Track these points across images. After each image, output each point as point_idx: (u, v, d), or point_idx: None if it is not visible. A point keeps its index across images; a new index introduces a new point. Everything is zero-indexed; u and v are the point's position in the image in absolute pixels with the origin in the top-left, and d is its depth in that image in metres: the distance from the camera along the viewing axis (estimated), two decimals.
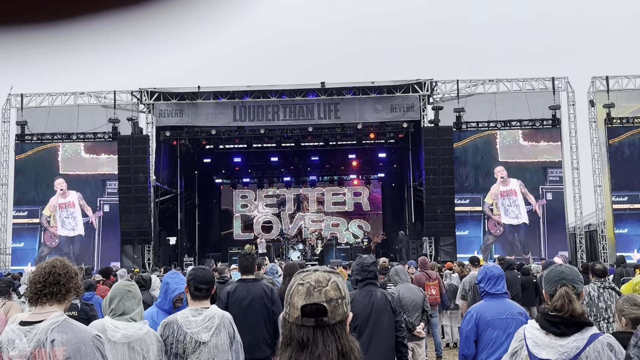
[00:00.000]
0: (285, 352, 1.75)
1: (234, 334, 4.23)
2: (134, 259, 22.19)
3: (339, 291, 1.78)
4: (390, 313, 5.18)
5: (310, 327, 1.73)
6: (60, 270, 2.98)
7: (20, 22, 1.48)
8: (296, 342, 1.73)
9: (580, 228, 22.34)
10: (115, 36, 1.63)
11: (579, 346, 2.93)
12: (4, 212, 22.85)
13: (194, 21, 1.71)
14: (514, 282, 10.55)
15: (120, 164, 21.53)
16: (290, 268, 7.56)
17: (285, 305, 1.80)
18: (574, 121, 22.24)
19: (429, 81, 22.31)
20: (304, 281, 1.78)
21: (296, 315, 1.74)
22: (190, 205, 28.06)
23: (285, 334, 1.77)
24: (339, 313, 1.75)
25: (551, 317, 3.04)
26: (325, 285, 1.76)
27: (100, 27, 1.56)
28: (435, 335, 11.03)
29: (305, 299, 1.74)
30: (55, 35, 1.52)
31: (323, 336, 1.72)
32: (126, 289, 3.90)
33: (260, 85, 22.64)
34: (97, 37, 1.63)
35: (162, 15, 1.59)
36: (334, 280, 1.79)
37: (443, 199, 20.91)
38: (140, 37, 1.67)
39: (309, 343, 1.72)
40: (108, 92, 22.88)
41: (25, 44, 1.54)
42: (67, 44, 1.61)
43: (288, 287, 1.82)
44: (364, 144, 27.39)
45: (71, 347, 2.84)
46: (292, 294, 1.77)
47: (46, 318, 2.90)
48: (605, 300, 5.62)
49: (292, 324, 1.75)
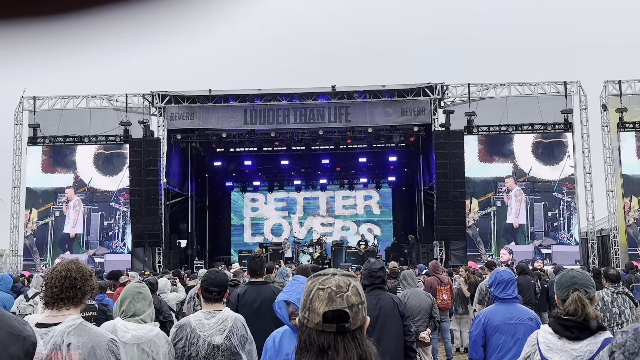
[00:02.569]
0: (304, 358, 1.71)
1: (247, 336, 4.23)
2: (144, 262, 22.27)
3: (359, 296, 1.74)
4: (398, 317, 5.15)
5: (331, 333, 1.69)
6: (76, 274, 2.99)
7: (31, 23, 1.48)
8: (316, 348, 1.69)
9: (592, 233, 22.18)
10: (126, 38, 1.64)
11: (592, 350, 2.91)
12: (16, 214, 23.01)
13: (205, 25, 1.71)
14: (527, 287, 10.47)
15: (132, 167, 21.64)
16: (302, 271, 7.55)
17: (304, 309, 1.75)
18: (586, 125, 22.10)
19: (440, 85, 22.26)
20: (324, 286, 1.73)
21: (317, 320, 1.69)
22: (201, 208, 28.14)
23: (303, 339, 1.73)
24: (359, 319, 1.72)
25: (564, 321, 3.01)
26: (347, 290, 1.72)
27: (111, 29, 1.56)
28: (446, 340, 10.98)
29: (328, 305, 1.69)
30: (67, 37, 1.53)
31: (344, 342, 1.69)
32: (137, 291, 3.92)
33: (270, 89, 22.69)
34: (108, 39, 1.63)
35: (174, 19, 1.59)
36: (354, 284, 1.76)
37: (454, 203, 20.82)
38: (151, 40, 1.67)
39: (329, 349, 1.68)
40: (120, 95, 23.01)
41: (38, 47, 1.55)
42: (79, 47, 1.61)
43: (306, 291, 1.77)
44: (375, 148, 27.36)
45: (87, 351, 2.86)
46: (313, 298, 1.72)
47: (62, 321, 2.91)
48: (619, 305, 5.56)
49: (312, 330, 1.71)
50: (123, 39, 1.64)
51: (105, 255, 22.54)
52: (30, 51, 1.56)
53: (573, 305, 2.98)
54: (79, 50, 1.65)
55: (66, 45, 1.57)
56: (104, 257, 22.47)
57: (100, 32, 1.56)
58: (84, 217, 22.80)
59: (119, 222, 22.78)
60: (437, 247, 22.30)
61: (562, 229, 21.65)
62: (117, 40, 1.65)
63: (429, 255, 22.15)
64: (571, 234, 21.62)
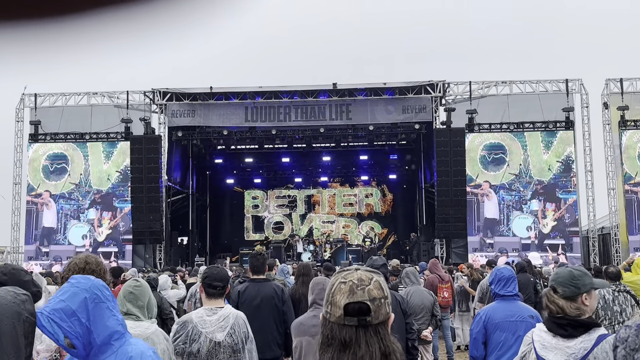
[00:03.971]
0: (327, 352, 1.71)
1: (248, 333, 4.23)
2: (145, 259, 22.31)
3: (381, 290, 1.74)
4: (400, 315, 5.15)
5: (353, 326, 1.69)
6: (94, 266, 3.04)
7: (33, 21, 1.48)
8: (338, 342, 1.69)
9: (593, 231, 22.17)
10: (127, 35, 1.63)
11: (586, 347, 2.90)
12: (17, 211, 23.04)
13: (207, 22, 1.71)
14: (527, 285, 10.46)
15: (133, 164, 21.66)
16: (303, 269, 7.54)
17: (326, 304, 1.75)
18: (587, 123, 22.08)
19: (441, 82, 22.24)
20: (346, 279, 1.74)
21: (339, 314, 1.70)
22: (202, 206, 28.16)
23: (326, 333, 1.73)
24: (381, 313, 1.71)
25: (558, 319, 3.02)
26: (369, 284, 1.72)
27: (112, 27, 1.56)
28: (447, 337, 10.98)
29: (349, 297, 1.70)
30: (68, 34, 1.52)
31: (366, 336, 1.69)
32: (128, 290, 3.88)
33: (272, 86, 22.68)
34: (110, 37, 1.63)
35: (176, 16, 1.59)
36: (377, 279, 1.75)
37: (455, 201, 20.82)
38: (152, 37, 1.67)
39: (351, 343, 1.68)
40: (121, 92, 23.01)
41: (39, 44, 1.55)
42: (80, 44, 1.61)
43: (329, 286, 1.78)
44: (376, 146, 27.35)
45: None
46: (334, 292, 1.73)
47: None
48: (620, 303, 5.56)
49: (334, 324, 1.71)
50: (124, 36, 1.63)
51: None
52: (31, 48, 1.56)
53: (544, 303, 3.02)
54: (81, 48, 1.65)
55: (67, 43, 1.57)
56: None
57: (101, 30, 1.56)
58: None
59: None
60: (438, 245, 22.30)
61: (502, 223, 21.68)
62: (118, 38, 1.65)
63: (429, 253, 22.15)
64: (509, 227, 21.60)
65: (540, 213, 21.55)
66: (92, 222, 22.64)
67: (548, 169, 21.65)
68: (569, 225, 21.50)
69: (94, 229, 22.58)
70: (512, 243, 21.49)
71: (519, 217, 21.63)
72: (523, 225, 21.48)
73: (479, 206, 21.65)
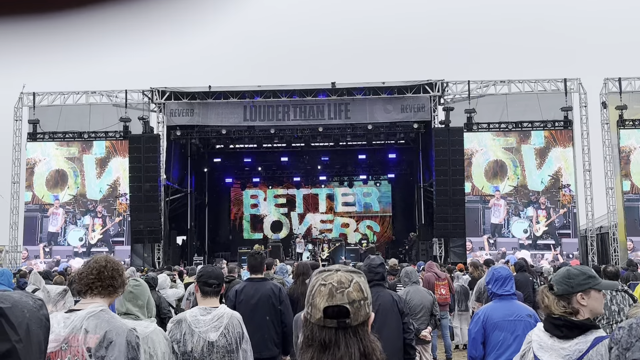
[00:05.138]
0: (307, 353, 1.73)
1: (242, 334, 4.21)
2: (144, 258, 22.29)
3: (361, 292, 1.74)
4: (397, 314, 5.14)
5: (332, 328, 1.71)
6: (112, 265, 3.14)
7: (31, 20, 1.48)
8: (318, 343, 1.71)
9: (591, 231, 22.19)
10: (126, 34, 1.63)
11: (581, 349, 2.89)
12: (15, 210, 23.01)
13: (205, 21, 1.71)
14: (525, 284, 10.46)
15: (131, 163, 21.62)
16: (302, 268, 7.54)
17: (307, 305, 1.77)
18: (586, 123, 22.09)
19: (440, 82, 22.24)
20: (326, 282, 1.75)
21: (318, 316, 1.71)
22: (200, 205, 28.14)
23: (307, 334, 1.75)
24: (361, 314, 1.73)
25: (554, 320, 3.01)
26: (348, 286, 1.73)
27: (111, 25, 1.56)
28: (445, 336, 10.98)
29: (328, 301, 1.71)
30: (67, 33, 1.52)
31: (345, 338, 1.70)
32: (128, 290, 3.87)
33: (270, 85, 22.67)
34: (108, 36, 1.63)
35: (174, 15, 1.59)
36: (357, 281, 1.76)
37: (453, 200, 20.83)
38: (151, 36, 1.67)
39: (331, 344, 1.70)
40: (119, 91, 22.98)
41: (37, 43, 1.54)
42: (79, 43, 1.61)
43: (310, 287, 1.79)
44: (374, 145, 27.35)
45: (103, 336, 2.91)
46: (314, 294, 1.74)
47: (86, 308, 2.99)
48: (617, 303, 5.55)
49: (314, 325, 1.73)
50: (123, 35, 1.63)
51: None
52: (30, 47, 1.56)
53: (539, 299, 3.03)
54: (79, 46, 1.64)
55: (66, 41, 1.57)
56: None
57: (100, 28, 1.56)
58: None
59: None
60: (436, 244, 22.31)
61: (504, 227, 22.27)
62: (117, 36, 1.64)
63: (428, 252, 22.16)
64: (509, 230, 22.23)
65: (534, 218, 22.13)
66: (87, 227, 22.87)
67: (541, 182, 22.19)
68: (559, 228, 21.97)
69: (89, 233, 22.81)
70: (511, 243, 22.01)
71: (517, 221, 22.24)
72: (520, 228, 22.25)
73: (485, 212, 22.23)
